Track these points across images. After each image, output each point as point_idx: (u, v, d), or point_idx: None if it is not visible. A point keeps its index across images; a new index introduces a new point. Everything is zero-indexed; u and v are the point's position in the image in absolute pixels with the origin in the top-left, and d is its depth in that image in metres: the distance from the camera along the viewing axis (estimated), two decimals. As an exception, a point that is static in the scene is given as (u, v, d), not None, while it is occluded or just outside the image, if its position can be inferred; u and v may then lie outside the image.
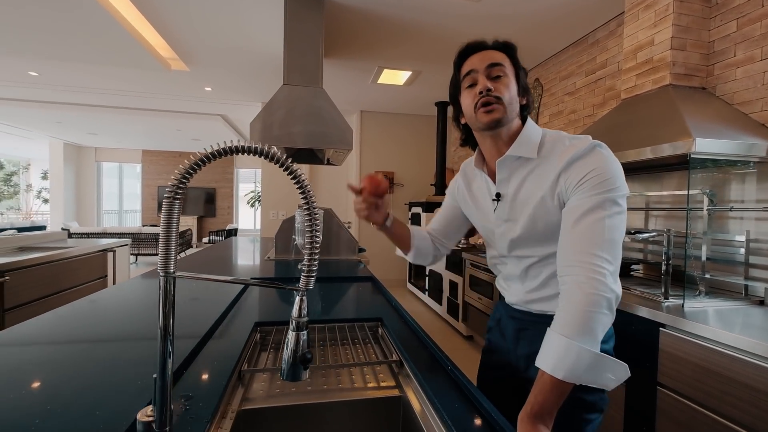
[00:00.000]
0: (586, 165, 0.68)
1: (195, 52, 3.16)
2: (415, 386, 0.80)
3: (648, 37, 1.94)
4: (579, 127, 2.79)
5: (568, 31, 2.70)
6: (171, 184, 0.46)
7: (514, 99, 0.76)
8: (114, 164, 9.68)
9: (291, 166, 0.49)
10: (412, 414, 0.75)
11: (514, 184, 0.79)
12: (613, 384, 0.58)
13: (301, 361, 0.51)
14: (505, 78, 0.75)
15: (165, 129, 6.66)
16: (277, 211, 4.89)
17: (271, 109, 2.09)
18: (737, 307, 1.48)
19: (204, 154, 0.46)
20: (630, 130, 1.82)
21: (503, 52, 0.78)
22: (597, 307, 0.59)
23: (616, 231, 0.64)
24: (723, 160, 1.59)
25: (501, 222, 0.83)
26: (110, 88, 4.26)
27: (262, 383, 0.84)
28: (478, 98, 0.74)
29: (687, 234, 1.58)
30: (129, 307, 1.23)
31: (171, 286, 0.47)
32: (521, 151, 0.76)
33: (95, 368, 0.75)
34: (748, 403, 1.12)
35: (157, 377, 0.47)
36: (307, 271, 0.51)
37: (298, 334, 0.52)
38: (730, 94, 1.80)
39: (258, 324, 1.09)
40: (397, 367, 0.91)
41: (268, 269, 1.99)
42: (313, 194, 0.51)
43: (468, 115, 0.79)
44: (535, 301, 0.83)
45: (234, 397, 0.75)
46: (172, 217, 0.46)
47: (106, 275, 3.14)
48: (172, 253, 0.47)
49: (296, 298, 0.52)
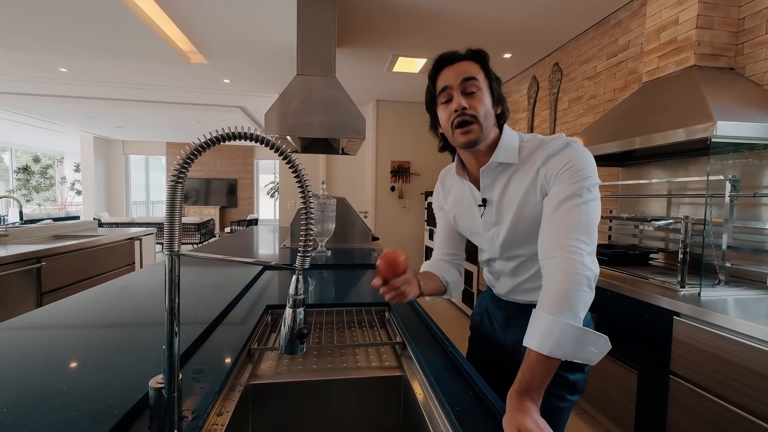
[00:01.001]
0: (563, 158, 0.72)
1: (213, 45, 3.22)
2: (415, 367, 0.83)
3: (672, 16, 1.85)
4: (599, 112, 2.70)
5: (589, 12, 2.59)
6: (173, 170, 0.49)
7: (489, 113, 0.78)
8: (141, 157, 10.05)
9: (285, 150, 0.51)
10: (411, 393, 0.78)
11: (498, 189, 0.82)
12: (596, 358, 0.61)
13: (297, 335, 0.54)
14: (479, 93, 0.76)
15: (187, 121, 6.85)
16: (294, 201, 4.98)
17: (286, 100, 2.13)
18: (759, 296, 1.43)
19: (199, 144, 0.49)
20: (649, 115, 1.76)
21: (476, 62, 0.78)
22: (577, 285, 0.62)
23: (591, 216, 0.68)
24: (747, 143, 1.51)
25: (489, 226, 0.86)
26: (134, 82, 4.41)
27: (270, 362, 0.89)
28: (454, 116, 0.76)
29: (705, 221, 1.53)
30: (150, 290, 1.30)
31: (176, 264, 0.51)
32: (503, 158, 0.79)
33: (116, 345, 0.81)
34: (763, 393, 1.09)
35: (165, 348, 0.51)
36: (302, 252, 0.54)
37: (295, 311, 0.55)
38: (760, 74, 1.70)
39: (270, 307, 1.14)
40: (400, 349, 0.94)
41: (285, 256, 2.05)
42: (308, 181, 0.53)
43: (445, 129, 0.82)
44: (522, 292, 0.88)
45: (243, 373, 0.80)
46: (175, 200, 0.49)
47: (133, 262, 3.30)
48: (177, 234, 0.50)
49: (293, 277, 0.55)
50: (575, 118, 2.97)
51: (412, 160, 5.09)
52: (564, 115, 3.12)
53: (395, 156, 5.06)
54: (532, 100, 3.58)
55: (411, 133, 5.07)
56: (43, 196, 10.61)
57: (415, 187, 5.11)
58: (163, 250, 0.50)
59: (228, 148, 10.08)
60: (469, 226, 0.93)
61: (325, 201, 2.00)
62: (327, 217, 2.01)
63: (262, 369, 0.85)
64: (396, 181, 5.05)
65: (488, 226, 0.86)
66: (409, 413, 0.79)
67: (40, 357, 0.73)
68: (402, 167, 5.04)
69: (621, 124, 1.91)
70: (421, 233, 5.17)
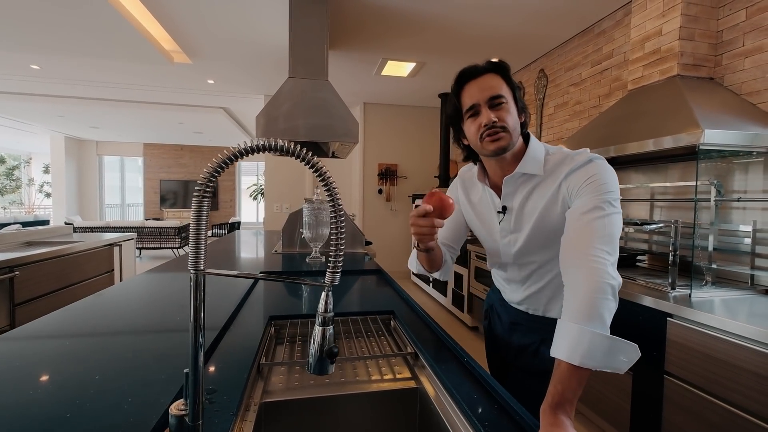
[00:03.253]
0: (586, 172, 0.74)
1: (198, 44, 3.13)
2: (432, 378, 0.82)
3: (656, 27, 1.91)
4: (585, 118, 2.77)
5: (574, 20, 2.66)
6: (200, 181, 0.46)
7: (516, 123, 0.79)
8: (116, 158, 9.66)
9: (316, 163, 0.49)
10: (430, 405, 0.76)
11: (519, 198, 0.84)
12: (625, 366, 0.60)
13: (327, 355, 0.52)
14: (506, 105, 0.77)
15: (167, 122, 6.63)
16: (281, 204, 4.89)
17: (277, 102, 2.08)
18: (743, 296, 1.49)
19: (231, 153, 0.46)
20: (637, 122, 1.81)
21: (499, 75, 0.79)
22: (603, 294, 0.62)
23: (614, 227, 0.69)
24: (729, 150, 1.58)
25: (507, 233, 0.88)
26: (112, 81, 4.23)
27: (280, 376, 0.85)
28: (484, 129, 0.77)
29: (695, 224, 1.58)
30: (142, 302, 1.24)
31: (202, 283, 0.48)
32: (529, 169, 0.81)
33: (118, 363, 0.76)
34: (754, 390, 1.13)
35: (189, 371, 0.48)
36: (332, 266, 0.51)
37: (324, 328, 0.52)
38: (738, 84, 1.79)
39: (272, 318, 1.10)
40: (413, 359, 0.92)
41: (276, 263, 1.99)
42: (338, 190, 0.51)
43: (473, 142, 0.82)
44: (533, 303, 0.91)
45: (255, 390, 0.77)
46: (201, 215, 0.46)
47: (112, 269, 3.16)
48: (202, 252, 0.47)
49: (322, 294, 0.53)
50: (561, 123, 3.04)
51: (399, 162, 5.09)
52: (550, 120, 3.19)
53: (382, 159, 5.05)
54: (518, 105, 3.64)
55: (398, 136, 5.08)
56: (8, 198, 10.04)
57: (402, 189, 5.12)
58: (189, 269, 0.47)
59: (208, 148, 9.83)
60: (485, 230, 0.94)
61: (320, 206, 1.97)
62: (321, 222, 1.98)
63: (273, 384, 0.81)
64: (383, 184, 5.04)
65: (505, 233, 0.88)
66: (427, 426, 0.78)
67: (33, 379, 0.68)
68: (389, 170, 5.03)
69: (610, 130, 1.96)
70: (408, 236, 5.18)
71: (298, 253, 2.24)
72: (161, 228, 6.52)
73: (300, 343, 1.00)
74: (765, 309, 1.33)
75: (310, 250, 2.06)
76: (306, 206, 1.96)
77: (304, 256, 2.14)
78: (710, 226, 1.68)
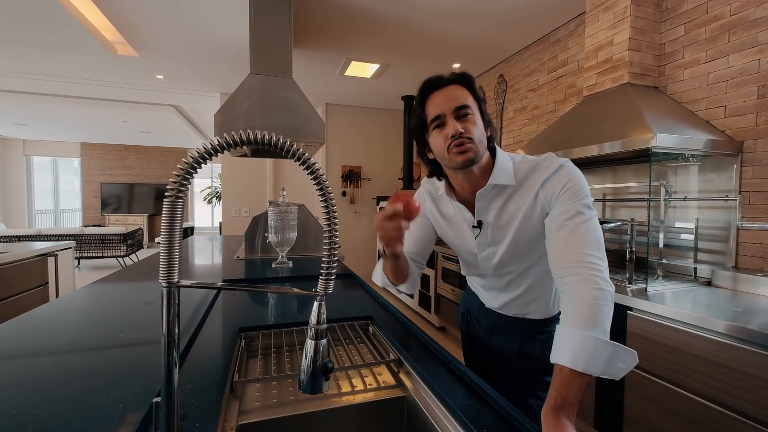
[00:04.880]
0: (561, 179, 0.75)
1: (145, 35, 2.90)
2: (419, 384, 0.79)
3: (608, 37, 2.04)
4: (542, 122, 2.91)
5: (532, 29, 2.78)
6: (173, 180, 0.40)
7: (482, 135, 0.78)
8: (47, 159, 8.74)
9: (308, 159, 0.45)
10: (419, 413, 0.73)
11: (494, 211, 0.83)
12: (622, 373, 0.60)
13: (322, 370, 0.47)
14: (472, 116, 0.76)
15: (109, 120, 6.09)
16: (239, 207, 4.66)
17: (237, 100, 1.97)
18: (689, 288, 1.62)
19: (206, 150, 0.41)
20: (594, 126, 1.92)
21: (463, 86, 0.78)
22: (603, 301, 0.63)
23: (598, 231, 0.71)
24: (674, 153, 1.72)
25: (485, 247, 0.88)
26: (44, 74, 3.81)
27: (256, 393, 0.79)
28: (451, 141, 0.75)
29: (649, 223, 1.70)
30: (89, 319, 1.10)
31: (175, 296, 0.41)
32: (501, 179, 0.80)
33: (64, 393, 0.66)
34: (707, 375, 1.23)
35: (161, 401, 0.41)
36: (326, 273, 0.47)
37: (317, 342, 0.48)
38: (679, 93, 1.95)
39: (242, 329, 1.02)
40: (396, 366, 0.89)
41: (239, 270, 1.88)
42: (331, 191, 0.47)
43: (440, 155, 0.80)
44: (516, 307, 0.92)
45: (230, 412, 0.70)
46: (174, 222, 0.40)
47: (47, 282, 2.82)
48: (176, 263, 0.41)
49: (314, 304, 0.48)
50: (520, 127, 3.17)
51: (363, 164, 5.06)
52: (510, 124, 3.32)
53: (346, 161, 4.99)
54: (479, 109, 3.75)
55: (362, 138, 5.05)
56: None
57: (366, 191, 5.09)
58: (160, 281, 0.40)
59: (157, 149, 9.19)
60: (460, 244, 0.93)
61: (286, 208, 1.88)
62: (288, 226, 1.90)
63: (249, 403, 0.75)
64: (347, 186, 4.98)
65: (483, 247, 0.88)
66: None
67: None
68: (353, 172, 4.98)
69: (567, 134, 2.06)
70: (373, 238, 5.15)
71: (260, 259, 2.13)
72: (104, 235, 5.97)
73: (275, 355, 0.93)
74: (706, 299, 1.45)
75: (275, 255, 1.97)
76: (271, 209, 1.87)
77: (269, 261, 2.04)
78: (660, 224, 1.82)
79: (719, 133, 1.74)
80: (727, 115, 1.75)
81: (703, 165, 1.81)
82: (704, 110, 1.84)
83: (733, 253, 1.68)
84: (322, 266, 0.48)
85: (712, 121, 1.80)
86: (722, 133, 1.74)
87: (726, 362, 1.17)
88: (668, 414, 1.33)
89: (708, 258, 1.76)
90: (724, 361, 1.18)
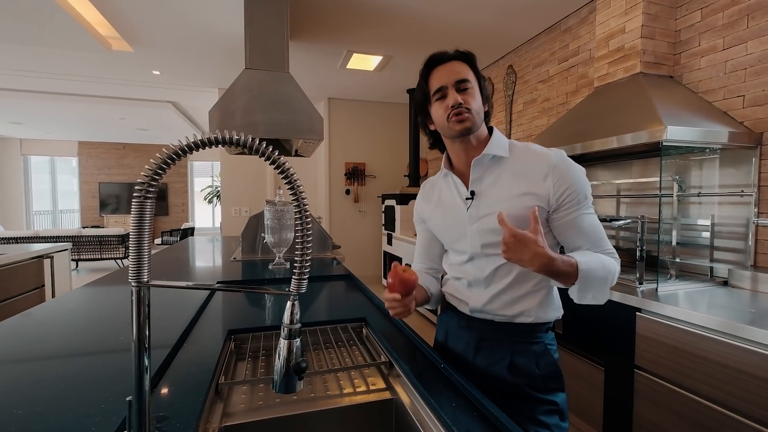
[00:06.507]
0: (568, 174, 0.84)
1: (140, 30, 2.95)
2: (408, 388, 0.81)
3: (619, 24, 2.03)
4: (553, 115, 2.89)
5: (541, 16, 2.77)
6: (141, 180, 0.42)
7: (480, 108, 0.88)
8: (45, 158, 8.95)
9: (278, 158, 0.47)
10: (406, 417, 0.75)
11: (488, 182, 0.89)
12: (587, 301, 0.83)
13: (295, 370, 0.49)
14: (471, 90, 0.86)
15: (106, 118, 6.22)
16: (239, 207, 4.73)
17: (233, 96, 2.00)
18: (704, 288, 1.61)
19: (179, 146, 0.43)
20: (603, 119, 1.91)
21: (466, 63, 0.88)
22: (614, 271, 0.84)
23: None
24: (689, 147, 1.70)
25: (475, 219, 0.90)
26: (39, 71, 3.91)
27: (242, 395, 0.81)
28: (450, 111, 0.85)
29: (660, 220, 1.69)
30: (78, 320, 1.14)
31: (145, 297, 0.44)
32: (496, 151, 0.88)
33: (48, 393, 0.69)
34: (718, 379, 1.22)
35: (132, 399, 0.44)
36: (299, 273, 0.49)
37: (290, 341, 0.50)
38: (695, 82, 1.93)
39: (231, 332, 1.05)
40: (387, 369, 0.91)
41: (235, 271, 1.92)
42: (303, 190, 0.49)
43: (440, 124, 0.90)
44: (500, 307, 0.89)
45: (213, 414, 0.72)
46: (143, 220, 0.42)
47: (43, 285, 2.91)
48: (146, 262, 0.43)
49: (287, 303, 0.50)
50: (530, 120, 3.16)
51: (367, 161, 5.08)
52: (519, 117, 3.30)
53: (349, 157, 5.01)
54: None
55: (366, 134, 5.06)
56: None
57: (371, 189, 5.11)
58: (129, 281, 0.43)
59: (155, 147, 9.34)
60: (451, 225, 0.95)
61: (283, 208, 1.91)
62: (285, 226, 1.93)
63: (234, 405, 0.77)
64: (351, 184, 5.01)
65: (473, 220, 0.90)
66: (403, 439, 0.77)
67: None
68: (357, 169, 5.01)
69: (577, 128, 2.05)
70: (378, 238, 5.17)
71: (260, 260, 2.17)
72: (102, 236, 6.10)
73: (264, 357, 0.96)
74: (723, 300, 1.44)
75: (274, 256, 2.00)
76: (267, 208, 1.90)
77: (267, 262, 2.07)
78: (673, 221, 1.80)
79: (737, 125, 1.72)
80: (745, 105, 1.73)
81: (722, 159, 1.79)
82: (721, 100, 1.82)
83: (751, 251, 1.66)
84: (295, 266, 0.50)
85: (730, 112, 1.78)
86: (740, 125, 1.72)
87: (740, 366, 1.17)
88: (679, 419, 1.32)
89: (725, 257, 1.74)
90: (737, 365, 1.17)
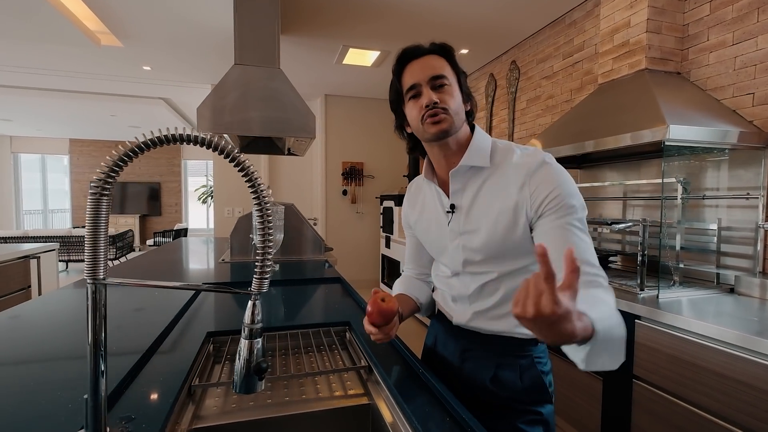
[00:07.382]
0: (548, 183, 0.74)
1: (129, 24, 3.00)
2: (384, 393, 0.82)
3: (624, 18, 2.03)
4: (557, 113, 2.90)
5: (545, 10, 2.78)
6: (98, 177, 0.44)
7: (459, 108, 0.80)
8: (35, 156, 9.05)
9: (238, 156, 0.49)
10: (381, 422, 0.77)
11: (469, 195, 0.83)
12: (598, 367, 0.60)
13: (255, 371, 0.51)
14: (448, 87, 0.79)
15: (97, 115, 6.29)
16: (232, 207, 4.77)
17: (222, 92, 2.03)
18: (710, 295, 1.61)
19: (136, 144, 0.45)
20: (606, 117, 1.92)
21: (442, 57, 0.81)
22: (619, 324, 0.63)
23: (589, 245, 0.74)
24: (697, 147, 1.70)
25: (456, 235, 0.85)
26: (26, 66, 3.97)
27: (216, 399, 0.83)
28: (425, 111, 0.78)
29: (661, 223, 1.69)
30: (56, 321, 1.16)
31: (102, 295, 0.46)
32: (474, 161, 0.81)
33: (17, 392, 0.71)
34: (717, 390, 1.22)
35: (88, 397, 0.45)
36: (259, 272, 0.51)
37: (251, 342, 0.52)
38: (704, 79, 1.93)
39: (211, 334, 1.07)
40: (366, 374, 0.93)
41: (223, 273, 1.94)
42: (263, 188, 0.51)
43: (415, 126, 0.83)
44: (484, 322, 0.84)
45: (183, 416, 0.74)
46: (99, 215, 0.44)
47: (29, 286, 2.95)
48: (101, 257, 0.45)
49: (248, 303, 0.52)
50: (534, 118, 3.17)
51: (365, 161, 5.10)
52: (522, 115, 3.31)
53: (347, 157, 5.04)
54: (490, 99, 3.75)
55: (364, 132, 5.09)
56: None
57: (369, 190, 5.13)
58: (85, 277, 0.45)
59: (149, 146, 9.41)
60: (434, 236, 0.91)
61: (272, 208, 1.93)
62: (274, 227, 1.95)
63: (206, 408, 0.79)
64: (348, 185, 5.03)
65: (454, 235, 0.84)
66: (379, 445, 0.78)
67: None
68: (354, 169, 5.03)
69: (579, 127, 2.06)
70: (377, 240, 5.19)
71: (248, 262, 2.19)
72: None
73: (241, 361, 0.98)
74: (727, 308, 1.44)
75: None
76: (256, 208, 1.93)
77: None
78: (677, 224, 1.80)
79: (746, 124, 1.72)
80: (755, 103, 1.73)
81: (731, 160, 1.79)
82: (730, 98, 1.82)
83: (760, 257, 1.66)
84: (256, 265, 0.51)
85: (739, 110, 1.78)
86: (750, 124, 1.72)
87: (743, 378, 1.17)
88: (676, 431, 1.32)
89: (733, 262, 1.74)
90: (740, 377, 1.18)
